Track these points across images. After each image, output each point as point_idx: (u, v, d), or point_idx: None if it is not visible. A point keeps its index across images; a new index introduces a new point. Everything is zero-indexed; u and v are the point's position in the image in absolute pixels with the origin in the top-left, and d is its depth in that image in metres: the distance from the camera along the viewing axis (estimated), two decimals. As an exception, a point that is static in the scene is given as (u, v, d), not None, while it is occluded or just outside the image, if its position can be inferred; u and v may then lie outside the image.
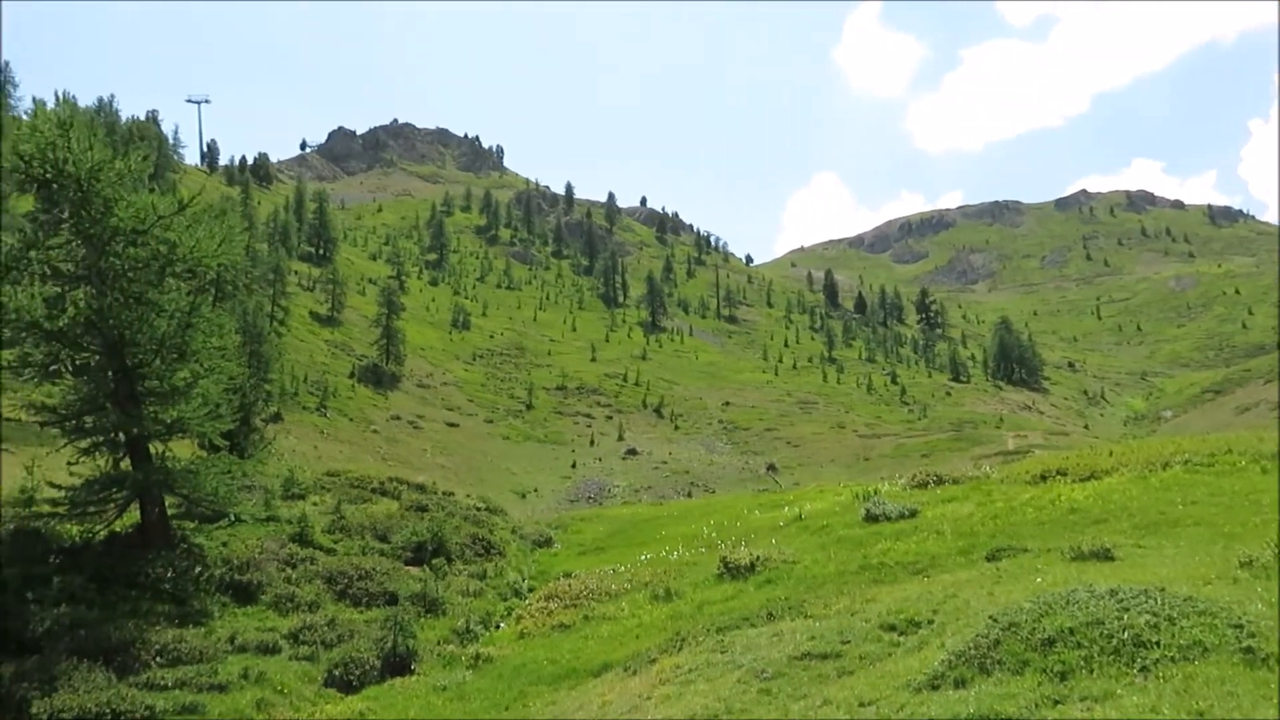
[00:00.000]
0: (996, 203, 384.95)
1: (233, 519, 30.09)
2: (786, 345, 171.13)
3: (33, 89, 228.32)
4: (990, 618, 12.71)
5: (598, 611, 24.79)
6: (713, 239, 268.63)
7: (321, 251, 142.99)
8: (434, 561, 31.15)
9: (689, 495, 78.13)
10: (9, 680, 19.48)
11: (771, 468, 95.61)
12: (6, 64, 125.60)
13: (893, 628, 15.32)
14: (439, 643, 24.87)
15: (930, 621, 15.13)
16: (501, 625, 27.31)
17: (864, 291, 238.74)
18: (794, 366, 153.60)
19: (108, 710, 18.69)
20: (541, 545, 38.17)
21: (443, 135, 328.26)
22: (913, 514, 27.71)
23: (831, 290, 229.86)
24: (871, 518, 28.21)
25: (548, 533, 40.15)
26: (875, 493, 32.54)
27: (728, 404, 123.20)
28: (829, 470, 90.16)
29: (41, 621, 21.91)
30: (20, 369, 27.48)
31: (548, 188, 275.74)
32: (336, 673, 22.43)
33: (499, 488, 75.53)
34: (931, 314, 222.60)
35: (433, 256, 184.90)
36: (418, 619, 25.73)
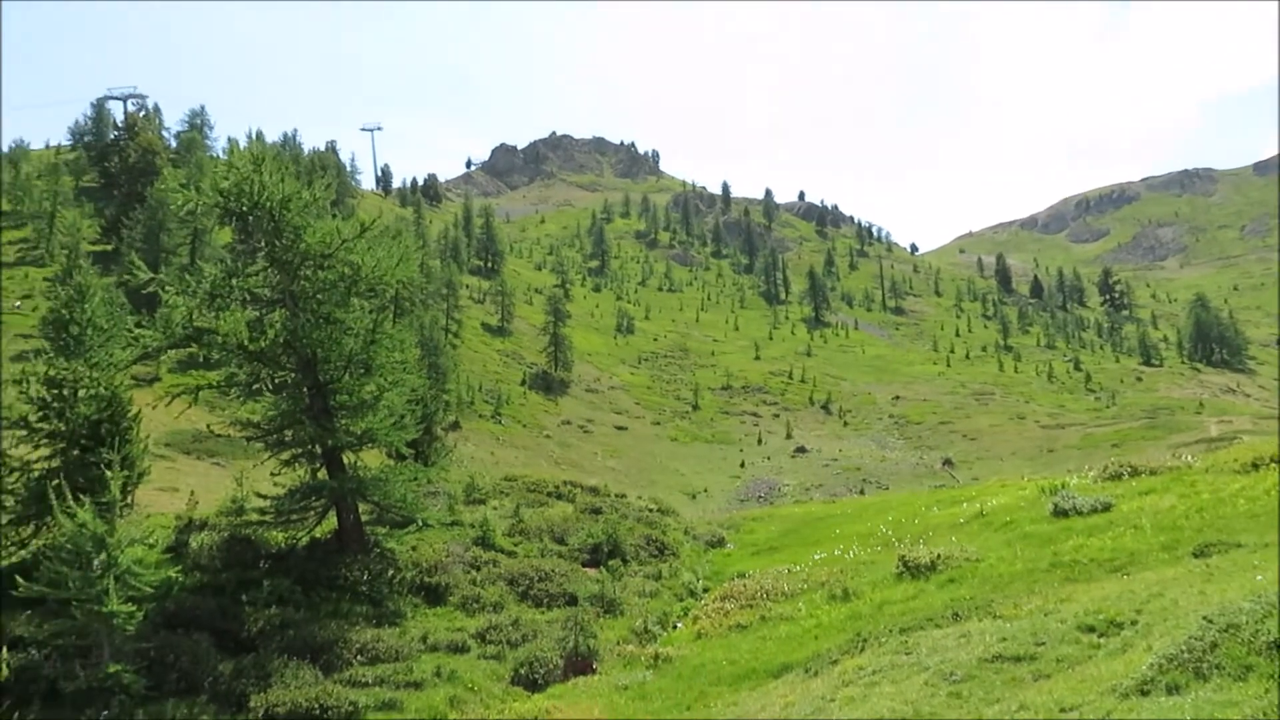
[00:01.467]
0: (1185, 172, 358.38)
1: (420, 524, 31.51)
2: (958, 335, 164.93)
3: (227, 129, 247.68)
4: (1204, 618, 11.78)
5: (774, 612, 24.55)
6: (874, 229, 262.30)
7: (490, 265, 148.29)
8: (610, 563, 31.67)
9: (861, 493, 76.41)
10: (229, 677, 21.10)
11: (948, 462, 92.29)
12: (202, 108, 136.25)
13: (1091, 629, 14.45)
14: (618, 643, 25.25)
15: (1133, 622, 14.18)
16: (679, 625, 27.46)
17: (1039, 275, 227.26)
18: (967, 356, 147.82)
19: (316, 706, 19.96)
20: (714, 545, 38.18)
21: (599, 144, 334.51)
22: (1106, 508, 26.08)
23: (1004, 275, 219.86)
24: (1060, 512, 26.73)
25: (720, 533, 40.12)
26: (1063, 486, 30.80)
27: (898, 398, 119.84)
28: (1010, 463, 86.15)
29: (255, 622, 23.63)
30: (227, 388, 29.84)
31: (704, 188, 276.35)
32: (522, 671, 23.13)
33: (669, 489, 76.13)
34: (1116, 295, 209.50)
35: (595, 263, 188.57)
36: (597, 619, 26.22)
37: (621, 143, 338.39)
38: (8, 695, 18.63)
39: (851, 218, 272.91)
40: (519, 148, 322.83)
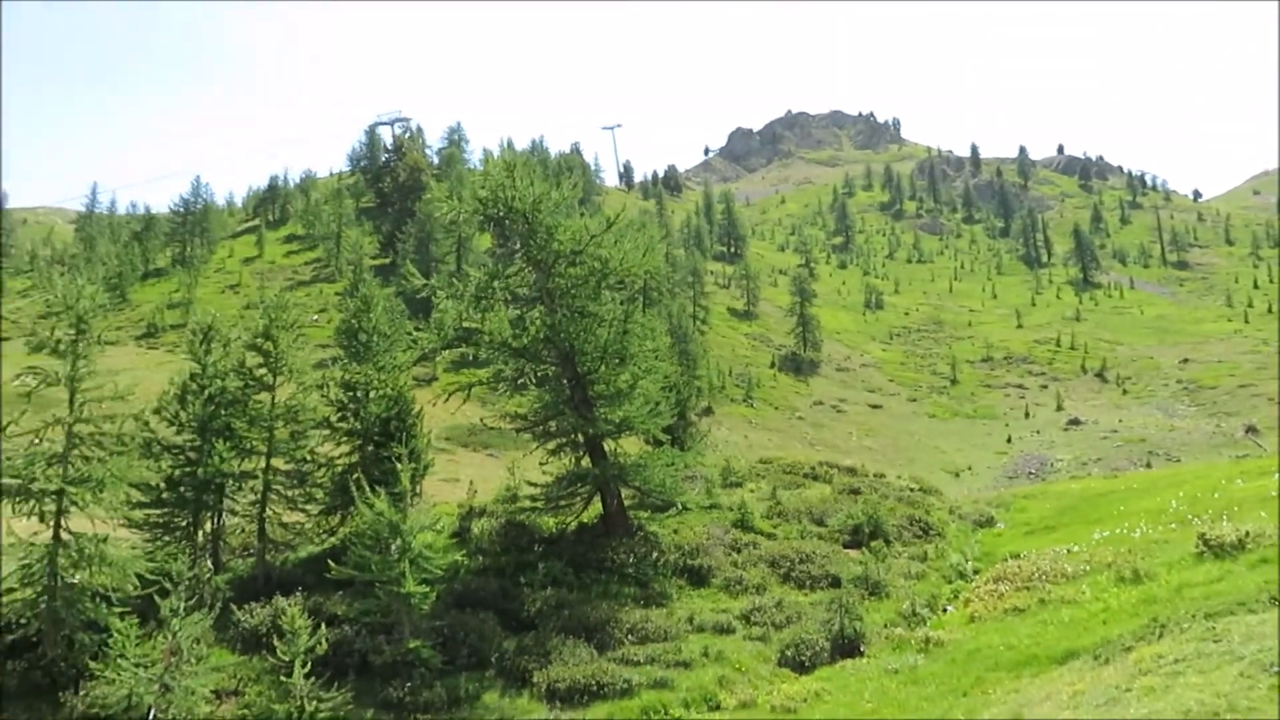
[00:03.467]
0: None
1: (680, 507, 32.21)
2: (1256, 287, 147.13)
3: (481, 141, 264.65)
4: None
5: (1054, 594, 23.02)
6: (1147, 178, 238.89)
7: (732, 249, 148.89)
8: (872, 544, 30.95)
9: (1148, 466, 70.04)
10: (513, 653, 22.54)
11: (1251, 429, 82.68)
12: (459, 124, 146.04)
13: None
14: (885, 625, 24.65)
15: None
16: (949, 609, 26.40)
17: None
18: (1269, 310, 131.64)
19: (594, 683, 20.91)
20: (983, 525, 36.36)
21: (837, 118, 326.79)
22: None
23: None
24: (1400, 482, 23.25)
25: (988, 512, 38.16)
26: (1402, 452, 26.72)
27: (1186, 361, 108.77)
28: (1329, 428, 75.97)
29: (533, 602, 25.08)
30: (496, 384, 31.85)
31: (950, 152, 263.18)
32: (789, 653, 23.09)
33: (929, 467, 73.31)
34: None
35: (839, 240, 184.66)
36: (861, 602, 25.71)
37: (860, 114, 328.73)
38: (328, 667, 20.85)
39: (1120, 167, 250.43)
40: (755, 130, 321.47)
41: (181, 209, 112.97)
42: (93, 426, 22.38)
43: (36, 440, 22.08)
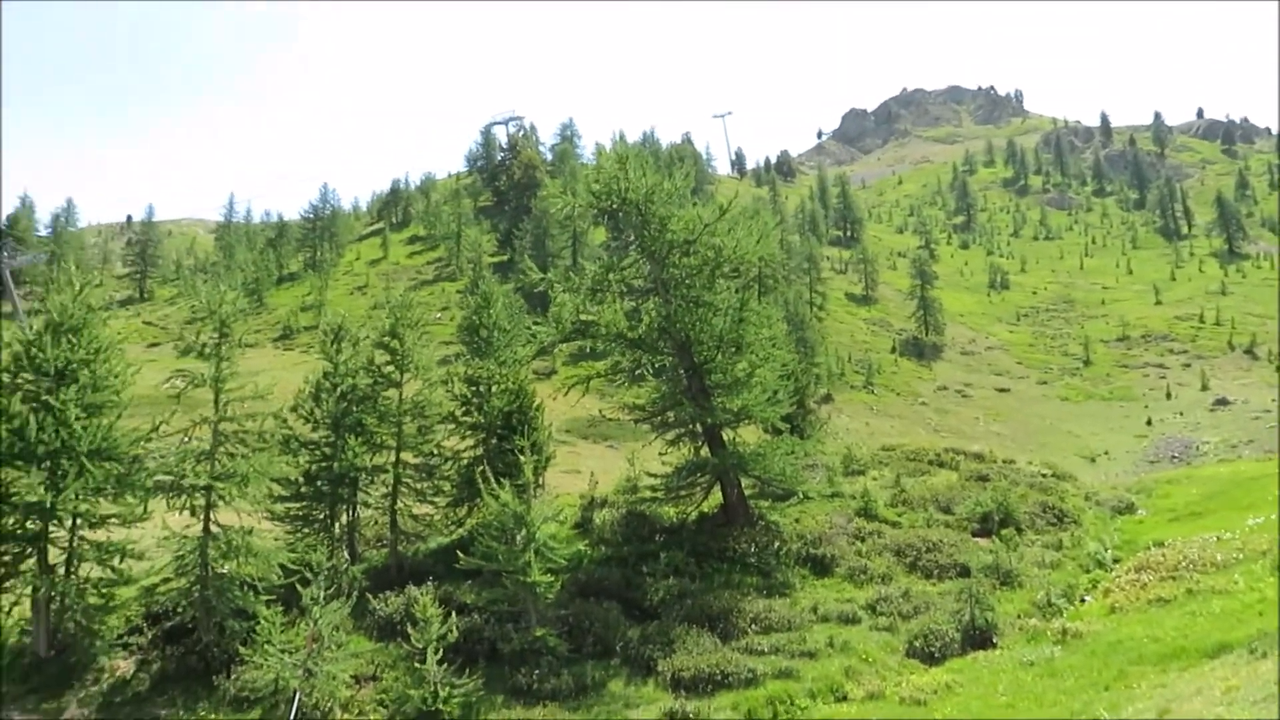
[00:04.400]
0: None
1: (801, 496, 31.87)
2: None
3: (594, 136, 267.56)
4: None
5: (1204, 585, 21.82)
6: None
7: (849, 233, 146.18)
8: (1003, 532, 29.96)
9: (1305, 447, 65.56)
10: (637, 642, 22.73)
11: None
12: (570, 120, 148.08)
13: None
14: (1018, 616, 23.87)
15: None
16: (1087, 599, 25.33)
17: None
18: None
19: (718, 672, 20.92)
20: (1122, 512, 34.72)
21: (955, 93, 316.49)
22: None
23: None
24: None
25: (1128, 498, 36.40)
26: None
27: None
28: None
29: (656, 592, 25.23)
30: (614, 375, 32.15)
31: (1078, 122, 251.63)
32: (917, 644, 22.59)
33: (1062, 452, 70.44)
34: None
35: (960, 219, 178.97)
36: (993, 591, 24.96)
37: (979, 88, 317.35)
38: (459, 654, 21.49)
39: (1267, 129, 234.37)
40: (869, 110, 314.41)
41: (311, 215, 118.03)
42: (236, 425, 23.63)
43: (186, 439, 23.46)
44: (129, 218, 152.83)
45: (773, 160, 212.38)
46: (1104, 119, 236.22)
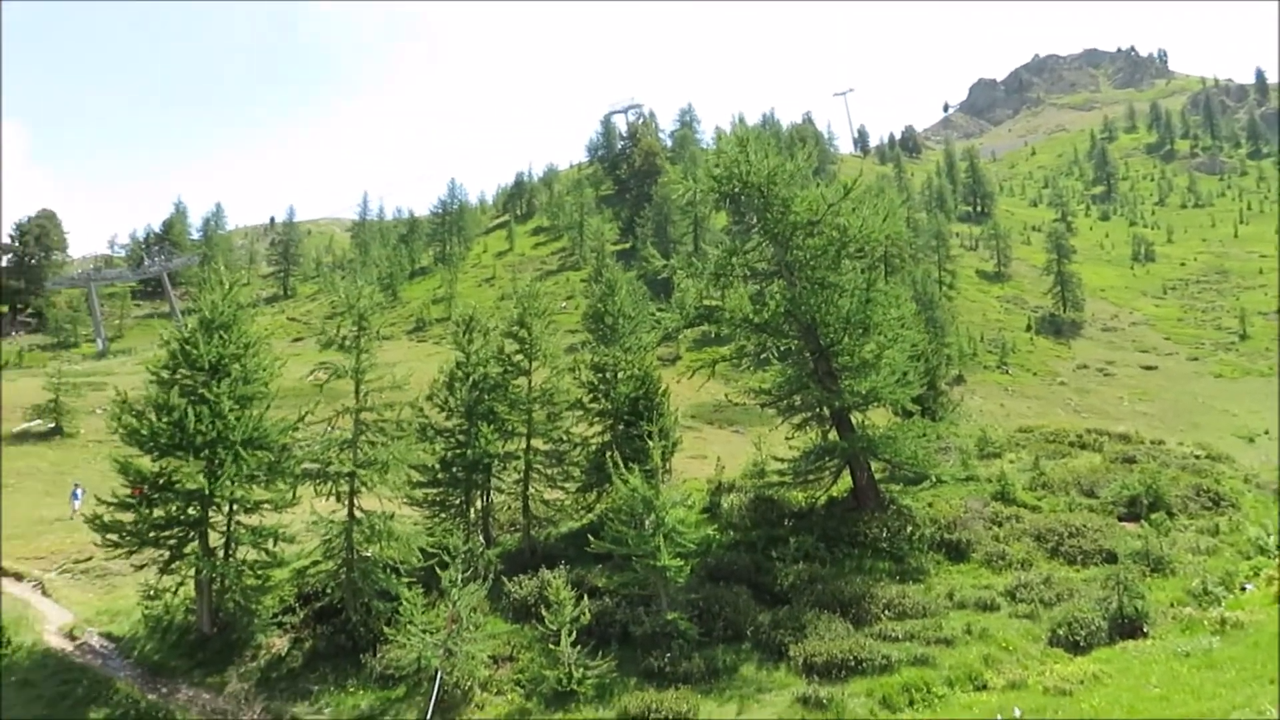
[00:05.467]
0: None
1: (934, 480, 31.08)
2: None
3: (713, 120, 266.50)
4: None
5: (1382, 572, 20.27)
6: None
7: (979, 208, 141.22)
8: (1152, 516, 28.53)
9: None
10: (768, 627, 22.64)
11: None
12: (689, 106, 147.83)
13: None
14: (1171, 605, 22.71)
15: None
16: (1248, 587, 23.88)
17: None
18: None
19: (851, 658, 20.63)
20: (1286, 495, 32.54)
21: (1091, 56, 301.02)
22: None
23: None
24: None
25: (1292, 480, 34.10)
26: None
27: None
28: None
29: (785, 577, 25.05)
30: (738, 360, 32.03)
31: (1230, 81, 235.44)
32: (1060, 632, 21.76)
33: (1218, 432, 66.39)
34: None
35: (1099, 189, 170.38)
36: (1142, 578, 23.80)
37: (1118, 50, 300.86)
38: (591, 636, 21.89)
39: None
40: (998, 80, 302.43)
41: (440, 210, 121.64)
42: (376, 414, 24.64)
43: (330, 428, 24.59)
44: (272, 219, 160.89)
45: (897, 136, 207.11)
46: (1259, 75, 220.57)
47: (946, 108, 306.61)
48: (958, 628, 22.27)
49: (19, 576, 31.79)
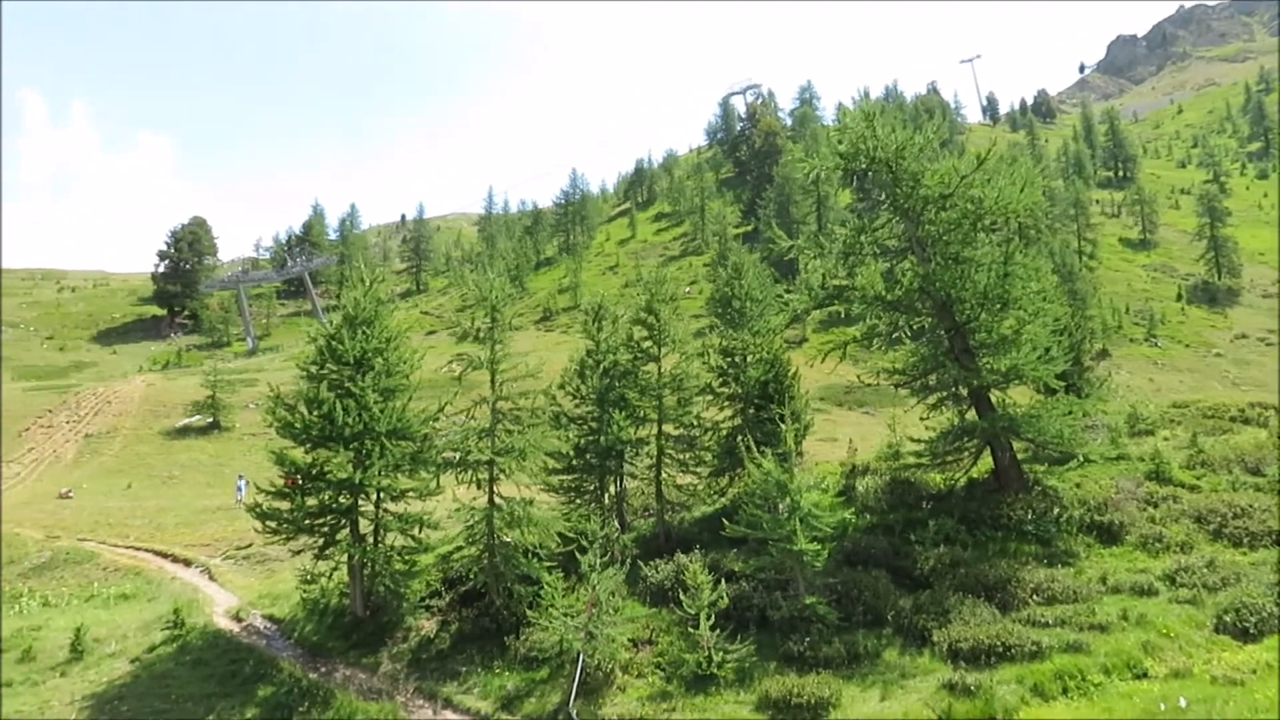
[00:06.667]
0: None
1: (1081, 459, 29.79)
2: None
3: (834, 97, 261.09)
4: None
5: None
6: None
7: (1121, 173, 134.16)
8: (1327, 495, 26.56)
9: None
10: (910, 611, 22.15)
11: None
12: (809, 83, 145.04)
13: None
14: (1355, 589, 21.09)
15: None
16: None
17: None
18: None
19: (999, 644, 19.97)
20: None
21: (1243, 4, 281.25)
22: None
23: None
24: None
25: None
26: None
27: None
28: None
29: (925, 560, 24.45)
30: (869, 340, 31.35)
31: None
32: (1227, 618, 20.50)
33: (1398, 403, 61.37)
34: None
35: (1255, 146, 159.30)
36: (1319, 561, 22.20)
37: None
38: (729, 620, 21.91)
39: None
40: (1139, 36, 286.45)
41: (563, 201, 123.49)
42: (511, 403, 25.23)
43: (468, 417, 25.33)
44: (403, 216, 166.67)
45: (1029, 102, 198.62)
46: None
47: (1082, 68, 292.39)
48: (1113, 613, 21.26)
49: (188, 562, 34.13)
